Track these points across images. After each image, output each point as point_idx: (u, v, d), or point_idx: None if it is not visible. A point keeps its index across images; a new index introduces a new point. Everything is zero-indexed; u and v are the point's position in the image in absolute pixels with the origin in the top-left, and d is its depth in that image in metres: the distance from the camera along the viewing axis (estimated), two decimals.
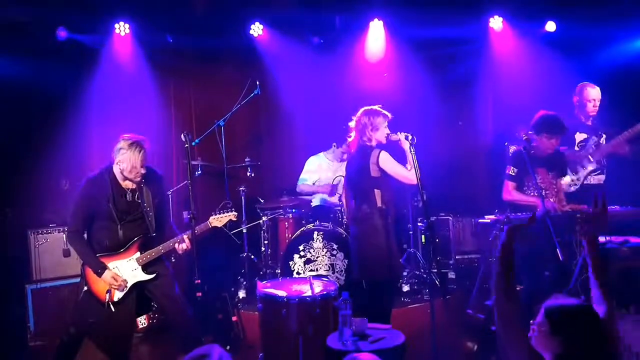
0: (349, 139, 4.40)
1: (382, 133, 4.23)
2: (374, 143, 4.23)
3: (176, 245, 3.96)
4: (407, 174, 4.10)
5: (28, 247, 5.20)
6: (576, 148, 5.12)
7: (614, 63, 5.90)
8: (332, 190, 5.89)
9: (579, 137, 5.14)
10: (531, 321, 2.11)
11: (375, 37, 6.59)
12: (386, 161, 4.15)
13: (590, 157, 5.06)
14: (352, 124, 4.35)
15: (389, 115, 4.27)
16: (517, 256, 2.37)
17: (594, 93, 5.07)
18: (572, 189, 5.04)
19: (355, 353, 2.43)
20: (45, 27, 5.57)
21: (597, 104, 5.08)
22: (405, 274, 5.68)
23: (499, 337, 2.19)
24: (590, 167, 5.08)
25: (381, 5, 6.30)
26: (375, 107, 4.30)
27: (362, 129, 4.24)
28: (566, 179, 4.81)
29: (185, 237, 3.96)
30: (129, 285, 3.89)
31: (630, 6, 5.76)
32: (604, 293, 2.38)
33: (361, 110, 4.30)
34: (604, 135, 5.11)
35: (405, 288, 5.61)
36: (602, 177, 5.13)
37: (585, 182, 5.08)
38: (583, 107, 5.10)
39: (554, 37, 6.40)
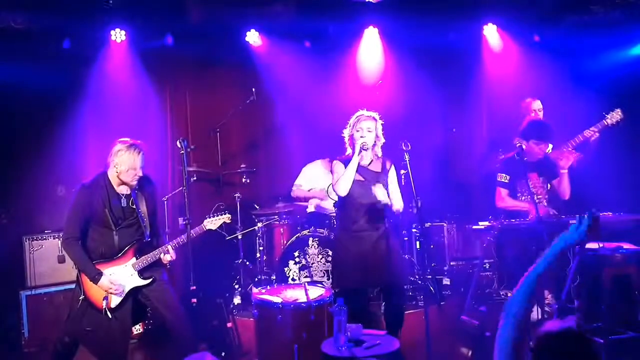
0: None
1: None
2: None
3: (161, 256, 3.98)
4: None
5: (23, 254, 5.18)
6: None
7: (608, 70, 5.97)
8: (326, 196, 5.89)
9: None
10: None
11: (370, 45, 6.62)
12: None
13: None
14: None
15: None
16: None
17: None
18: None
19: None
20: (41, 33, 5.55)
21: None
22: None
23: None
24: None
25: (376, 13, 6.33)
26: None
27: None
28: None
29: (169, 247, 3.98)
30: (126, 290, 3.89)
31: (620, 15, 5.82)
32: None
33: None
34: (551, 145, 5.06)
35: None
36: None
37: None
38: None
39: (548, 44, 6.46)
